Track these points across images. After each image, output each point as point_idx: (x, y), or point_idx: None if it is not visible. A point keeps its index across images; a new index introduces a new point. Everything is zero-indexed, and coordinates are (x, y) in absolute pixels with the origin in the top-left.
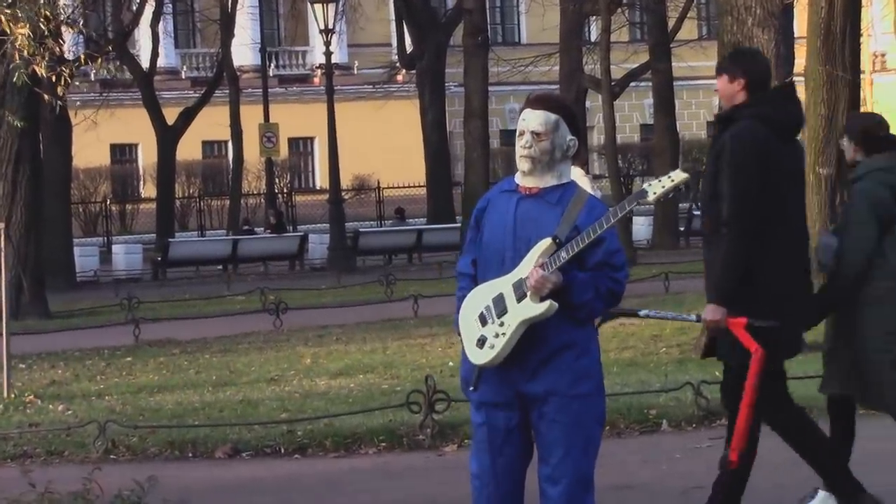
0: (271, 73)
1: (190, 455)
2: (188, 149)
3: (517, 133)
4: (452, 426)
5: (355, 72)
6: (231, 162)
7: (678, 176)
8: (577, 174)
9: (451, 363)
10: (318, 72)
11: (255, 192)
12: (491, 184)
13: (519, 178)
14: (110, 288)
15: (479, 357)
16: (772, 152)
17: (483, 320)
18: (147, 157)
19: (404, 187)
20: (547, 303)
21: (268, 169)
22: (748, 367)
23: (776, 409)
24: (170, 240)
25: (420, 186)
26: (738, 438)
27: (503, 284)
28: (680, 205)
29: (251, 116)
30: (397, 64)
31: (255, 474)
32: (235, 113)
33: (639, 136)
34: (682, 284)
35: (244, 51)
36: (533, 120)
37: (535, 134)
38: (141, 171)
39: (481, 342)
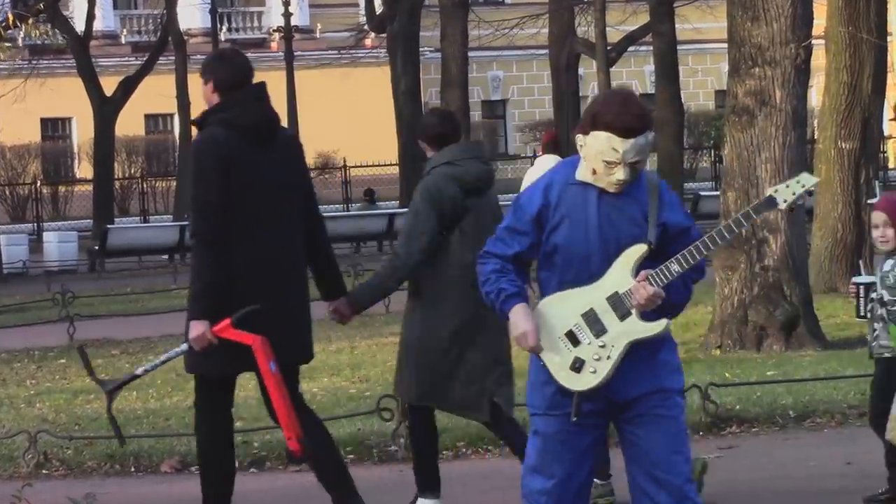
0: (223, 38)
1: (132, 469)
2: (129, 123)
3: (601, 160)
4: None
5: (318, 35)
6: (178, 138)
7: (807, 180)
8: (549, 165)
9: None
10: (276, 36)
11: None
12: None
13: (588, 178)
14: (41, 281)
15: (578, 383)
16: (239, 158)
17: (574, 340)
18: (82, 132)
19: (374, 166)
20: (663, 322)
21: None
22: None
23: (203, 420)
24: (108, 226)
25: (392, 165)
26: (286, 427)
27: (591, 297)
28: (686, 184)
29: (200, 87)
30: (365, 27)
31: None
32: (182, 82)
33: None
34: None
35: (192, 12)
36: (630, 152)
37: (632, 163)
38: (75, 149)
39: (577, 366)
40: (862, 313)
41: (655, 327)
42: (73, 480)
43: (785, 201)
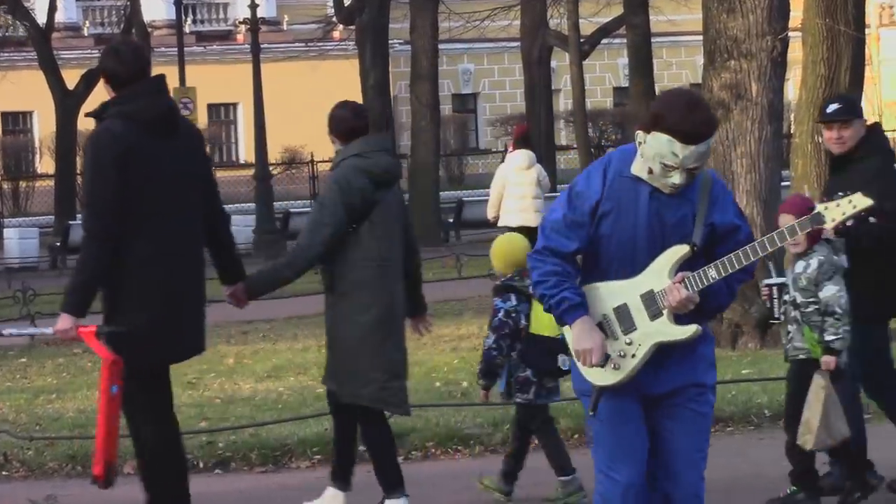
0: (188, 30)
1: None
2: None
3: (658, 162)
4: (398, 435)
5: (285, 28)
6: None
7: (861, 201)
8: (520, 160)
9: None
10: (242, 28)
11: None
12: (442, 156)
13: (643, 175)
14: (2, 278)
15: (601, 378)
16: (139, 151)
17: (603, 333)
18: (44, 126)
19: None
20: (693, 328)
21: None
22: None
23: (145, 421)
24: (70, 222)
25: None
26: (99, 450)
27: (626, 292)
28: None
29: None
30: (333, 18)
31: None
32: None
33: (612, 100)
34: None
35: (156, 3)
36: (690, 158)
37: (691, 169)
38: (37, 144)
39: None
40: (776, 315)
41: (684, 332)
42: (33, 482)
43: (833, 220)
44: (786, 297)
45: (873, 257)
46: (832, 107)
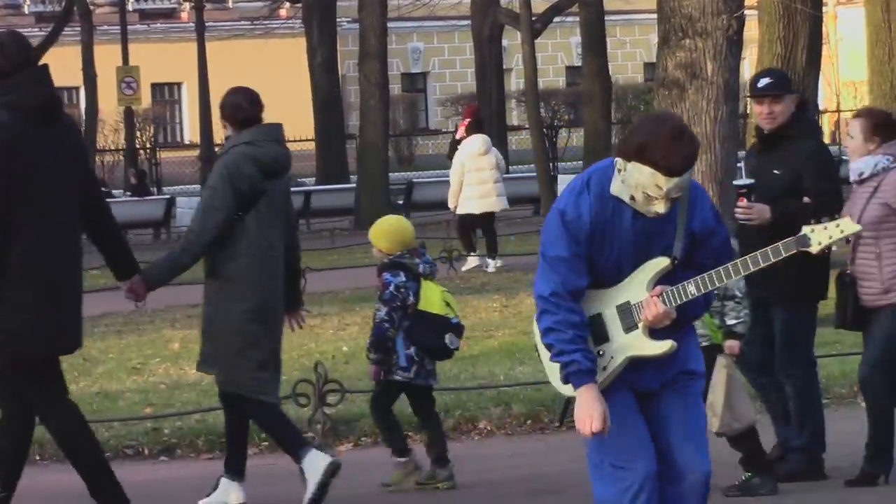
0: (130, 8)
1: (37, 458)
2: None
3: (641, 192)
4: (347, 421)
5: (230, 5)
6: (83, 112)
7: (848, 227)
8: (476, 146)
9: (344, 348)
10: (187, 6)
11: (112, 148)
12: (391, 137)
13: (624, 198)
14: None
15: (568, 388)
16: (22, 139)
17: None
18: None
19: (289, 141)
20: (668, 343)
21: (127, 121)
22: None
23: (44, 417)
24: None
25: (308, 140)
26: None
27: (602, 302)
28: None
29: (107, 59)
30: None
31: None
32: (88, 55)
33: (564, 80)
34: None
35: None
36: (674, 189)
37: (675, 198)
38: None
39: None
40: None
41: (659, 347)
42: None
43: (819, 244)
44: None
45: None
46: (763, 81)
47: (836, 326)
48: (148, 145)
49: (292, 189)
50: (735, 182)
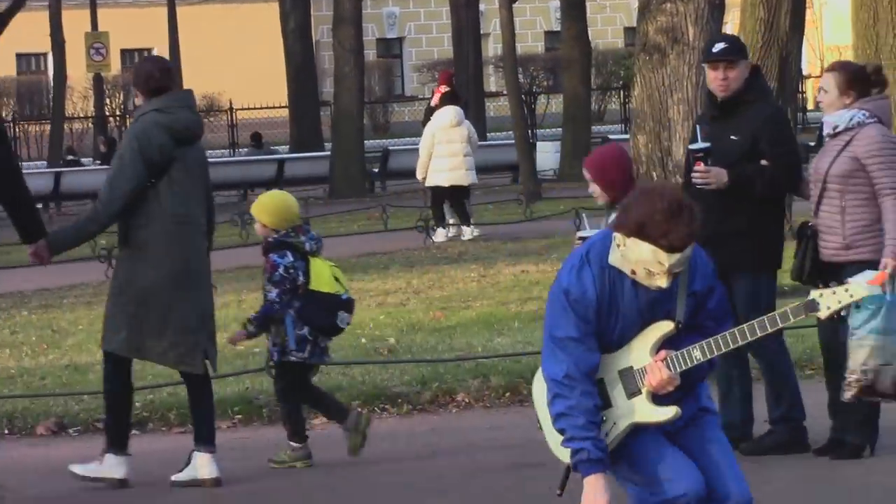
0: None
1: (6, 432)
2: (0, 63)
3: (642, 268)
4: None
5: None
6: (52, 79)
7: (857, 291)
8: (447, 118)
9: None
10: None
11: (81, 116)
12: (366, 104)
13: (625, 270)
14: None
15: (567, 455)
16: None
17: None
18: None
19: (261, 108)
20: (672, 409)
21: (96, 87)
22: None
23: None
24: None
25: (281, 107)
26: None
27: (604, 367)
28: (593, 127)
29: (76, 24)
30: None
31: (83, 453)
32: (56, 20)
33: (543, 45)
34: (599, 222)
35: None
36: (676, 264)
37: (676, 273)
38: None
39: None
40: None
41: (664, 413)
42: None
43: (828, 308)
44: None
45: (762, 208)
46: (718, 46)
47: (792, 278)
48: (117, 112)
49: (266, 157)
50: (690, 146)
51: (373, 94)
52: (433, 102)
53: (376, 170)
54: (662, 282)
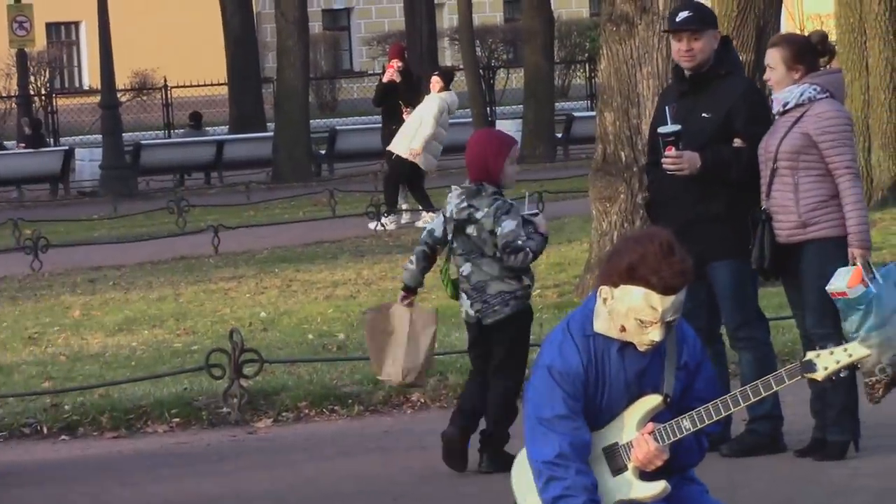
0: None
1: None
2: None
3: (633, 318)
4: (266, 395)
5: None
6: None
7: (857, 351)
8: (455, 103)
9: (262, 313)
10: None
11: (3, 95)
12: (312, 80)
13: (612, 334)
14: None
15: None
16: None
17: None
18: None
19: (199, 86)
20: (661, 484)
21: (20, 64)
22: None
23: None
24: None
25: (220, 85)
26: None
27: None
28: (557, 104)
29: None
30: None
31: (10, 459)
32: None
33: (502, 15)
34: (561, 207)
35: None
36: (669, 310)
37: (670, 322)
38: None
39: None
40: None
41: (652, 489)
42: None
43: (826, 369)
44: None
45: (739, 191)
46: (682, 14)
47: (753, 267)
48: (43, 91)
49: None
50: (660, 130)
51: (319, 70)
52: (386, 78)
53: (323, 151)
54: (656, 334)
